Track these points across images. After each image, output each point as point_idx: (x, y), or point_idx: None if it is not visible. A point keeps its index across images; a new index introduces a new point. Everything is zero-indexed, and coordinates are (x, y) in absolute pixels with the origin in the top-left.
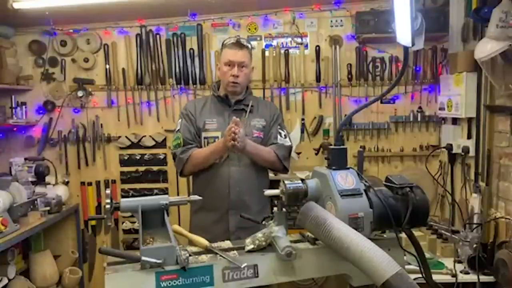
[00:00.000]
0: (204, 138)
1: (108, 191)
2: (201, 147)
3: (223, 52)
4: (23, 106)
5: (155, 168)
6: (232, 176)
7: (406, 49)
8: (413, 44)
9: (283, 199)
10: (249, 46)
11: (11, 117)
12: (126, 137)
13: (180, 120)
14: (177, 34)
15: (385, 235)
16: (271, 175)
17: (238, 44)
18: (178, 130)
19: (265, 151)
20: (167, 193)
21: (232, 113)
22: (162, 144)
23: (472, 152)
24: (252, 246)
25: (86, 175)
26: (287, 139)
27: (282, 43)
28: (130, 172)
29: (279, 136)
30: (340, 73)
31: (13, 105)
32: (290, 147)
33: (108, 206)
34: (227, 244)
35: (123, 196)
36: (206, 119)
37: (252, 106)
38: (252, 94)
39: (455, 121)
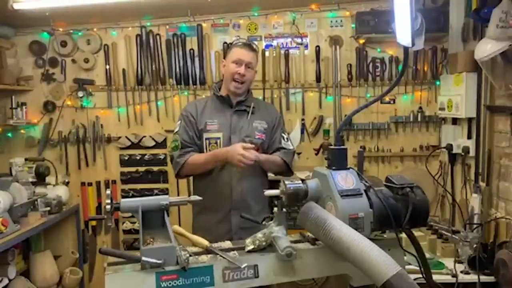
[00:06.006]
0: (206, 139)
1: (108, 192)
2: (200, 149)
3: (232, 51)
4: (23, 107)
5: (155, 168)
6: (235, 176)
7: (406, 49)
8: (413, 44)
9: (283, 199)
10: (257, 50)
11: (11, 117)
12: (126, 137)
13: (179, 122)
14: (177, 34)
15: (385, 235)
16: (271, 175)
17: (249, 46)
18: (177, 132)
19: (272, 158)
20: (167, 194)
21: (234, 113)
22: (162, 144)
23: (472, 152)
24: (252, 246)
25: (87, 176)
26: (289, 142)
27: (282, 43)
28: (130, 173)
29: (282, 141)
30: (340, 73)
31: (13, 106)
32: (294, 151)
33: (108, 206)
34: (227, 244)
35: (123, 197)
36: (207, 120)
37: (253, 107)
38: (253, 96)
39: (455, 121)
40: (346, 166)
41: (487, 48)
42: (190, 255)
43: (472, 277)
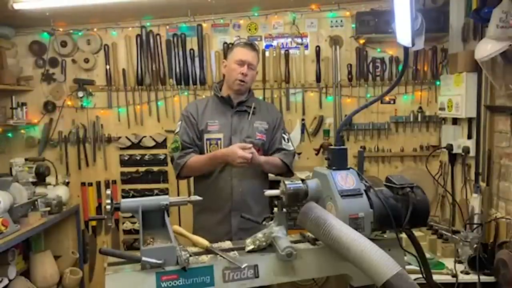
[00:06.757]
0: (207, 139)
1: (108, 192)
2: (200, 150)
3: (234, 51)
4: (23, 107)
5: (155, 168)
6: (235, 177)
7: (406, 49)
8: (413, 44)
9: (283, 199)
10: (258, 50)
11: (12, 117)
12: (126, 137)
13: (180, 122)
14: (177, 34)
15: (385, 235)
16: (271, 175)
17: (251, 46)
18: (177, 132)
19: (271, 160)
20: (167, 194)
21: (235, 114)
22: (162, 144)
23: (472, 152)
24: (252, 247)
25: (87, 176)
26: (290, 143)
27: (282, 43)
28: (130, 173)
29: (283, 141)
30: (340, 73)
31: (13, 106)
32: (294, 152)
33: (108, 206)
34: (227, 244)
35: (123, 197)
36: (208, 121)
37: (254, 108)
38: (254, 96)
39: (455, 121)
40: (346, 166)
41: (487, 48)
42: (190, 255)
43: (472, 277)
